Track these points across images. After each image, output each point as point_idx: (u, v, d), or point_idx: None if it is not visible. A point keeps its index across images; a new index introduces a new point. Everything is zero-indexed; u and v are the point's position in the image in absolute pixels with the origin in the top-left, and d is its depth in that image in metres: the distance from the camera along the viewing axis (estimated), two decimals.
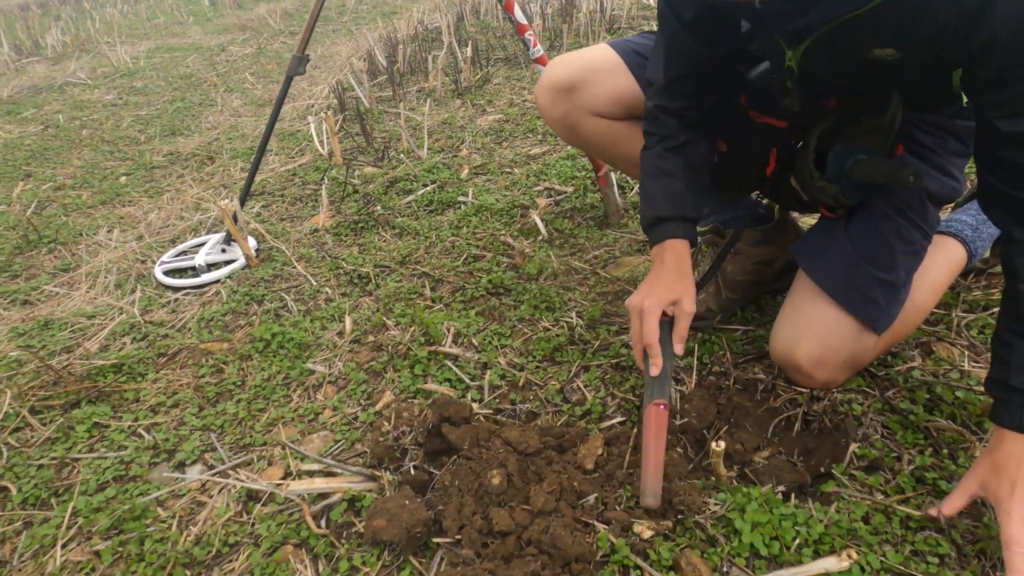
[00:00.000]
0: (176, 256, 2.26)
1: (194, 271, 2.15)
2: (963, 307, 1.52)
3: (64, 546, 1.23)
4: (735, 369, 1.44)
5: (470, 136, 3.02)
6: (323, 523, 1.21)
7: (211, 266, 2.16)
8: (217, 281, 2.10)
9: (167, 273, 2.16)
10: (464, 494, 1.16)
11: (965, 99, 1.00)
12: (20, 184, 3.14)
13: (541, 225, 2.11)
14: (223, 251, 2.21)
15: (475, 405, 1.41)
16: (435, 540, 1.12)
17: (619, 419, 1.35)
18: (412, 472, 1.24)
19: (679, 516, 1.09)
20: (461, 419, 1.28)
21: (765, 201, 1.61)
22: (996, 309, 1.48)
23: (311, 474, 1.30)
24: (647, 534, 1.08)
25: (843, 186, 1.20)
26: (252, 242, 2.25)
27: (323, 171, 2.81)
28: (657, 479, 1.09)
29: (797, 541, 1.04)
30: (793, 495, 1.16)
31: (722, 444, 1.11)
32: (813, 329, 1.27)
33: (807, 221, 1.85)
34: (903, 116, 1.14)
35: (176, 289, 2.10)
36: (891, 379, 1.36)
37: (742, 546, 1.04)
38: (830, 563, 0.99)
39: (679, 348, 1.24)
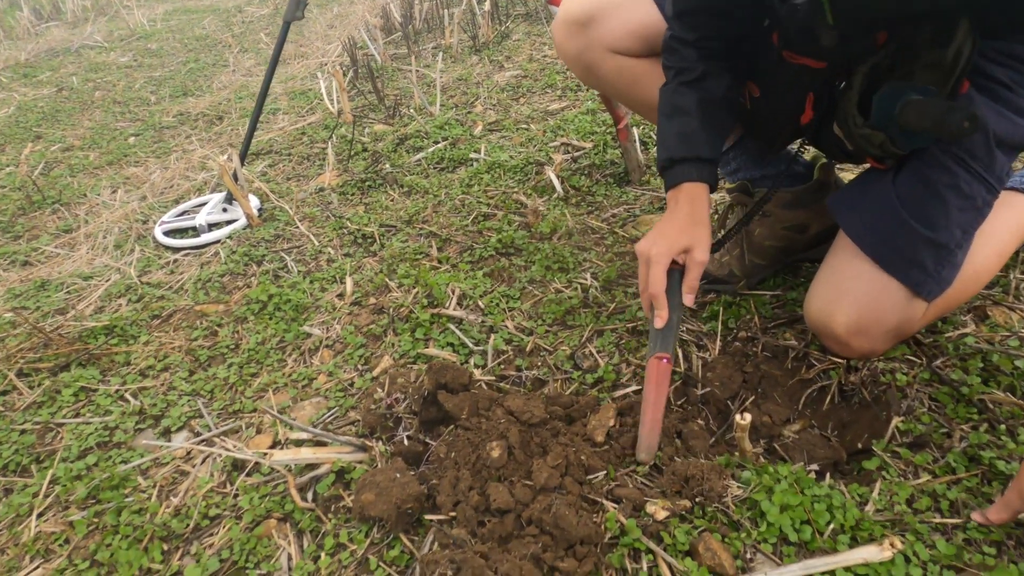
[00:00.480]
0: (177, 216, 2.17)
1: (194, 231, 2.07)
2: (1023, 268, 1.37)
3: (40, 516, 1.17)
4: (763, 335, 1.31)
5: (485, 92, 2.87)
6: (309, 496, 1.11)
7: (212, 226, 2.07)
8: (217, 241, 2.01)
9: (167, 233, 2.08)
10: (460, 467, 1.05)
11: None
12: (30, 145, 3.08)
13: (556, 182, 1.98)
14: (224, 210, 2.12)
15: (477, 371, 1.31)
16: (427, 517, 1.02)
17: (634, 387, 1.24)
18: (405, 443, 1.14)
19: (697, 501, 0.98)
20: (459, 386, 1.18)
21: (808, 157, 1.45)
22: None
23: (299, 443, 1.21)
24: (661, 515, 0.97)
25: (891, 133, 1.04)
26: (255, 201, 2.16)
27: (331, 129, 2.69)
28: (654, 435, 1.06)
29: (832, 526, 0.92)
30: (827, 474, 1.04)
31: (748, 417, 0.99)
32: (853, 294, 1.12)
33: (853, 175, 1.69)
34: (972, 46, 0.97)
35: (176, 249, 2.02)
36: (940, 346, 1.22)
37: (769, 531, 0.93)
38: (870, 552, 0.87)
39: (688, 300, 1.13)
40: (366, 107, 2.92)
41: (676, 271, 1.13)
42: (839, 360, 1.21)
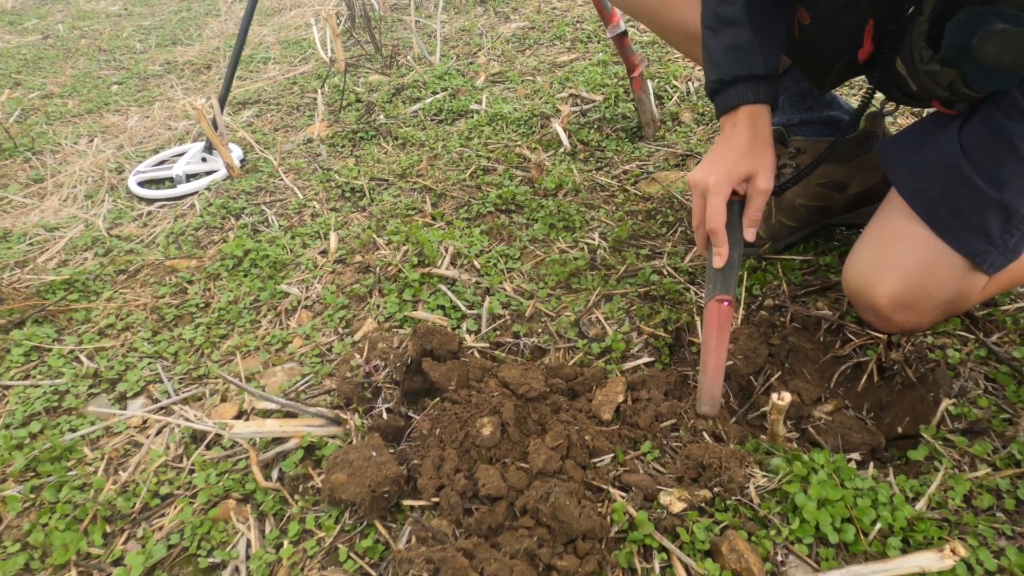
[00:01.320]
0: (154, 166, 2.02)
1: (171, 182, 1.91)
2: None
3: None
4: (792, 303, 1.17)
5: (489, 43, 2.68)
6: (274, 475, 0.98)
7: (190, 176, 1.92)
8: (195, 193, 1.86)
9: (142, 184, 1.93)
10: (446, 446, 0.92)
11: None
12: (7, 92, 2.91)
13: (563, 136, 1.82)
14: (204, 160, 1.96)
15: (469, 337, 1.17)
16: (407, 503, 0.89)
17: (646, 359, 1.09)
18: (384, 416, 1.00)
19: (716, 491, 0.84)
20: (447, 353, 1.03)
21: (860, 100, 1.27)
22: None
23: (266, 414, 1.08)
24: (677, 507, 0.83)
25: (965, 70, 0.86)
26: (237, 151, 2.00)
27: (323, 78, 2.52)
28: (717, 384, 0.95)
29: (878, 526, 0.78)
30: (872, 465, 0.90)
31: (787, 397, 0.84)
32: (900, 262, 0.96)
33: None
34: None
35: (150, 201, 1.87)
36: (996, 320, 1.07)
37: (803, 529, 0.79)
38: (927, 560, 0.73)
39: (750, 234, 0.98)
40: (362, 57, 2.74)
41: (735, 203, 0.98)
42: (879, 335, 1.06)
